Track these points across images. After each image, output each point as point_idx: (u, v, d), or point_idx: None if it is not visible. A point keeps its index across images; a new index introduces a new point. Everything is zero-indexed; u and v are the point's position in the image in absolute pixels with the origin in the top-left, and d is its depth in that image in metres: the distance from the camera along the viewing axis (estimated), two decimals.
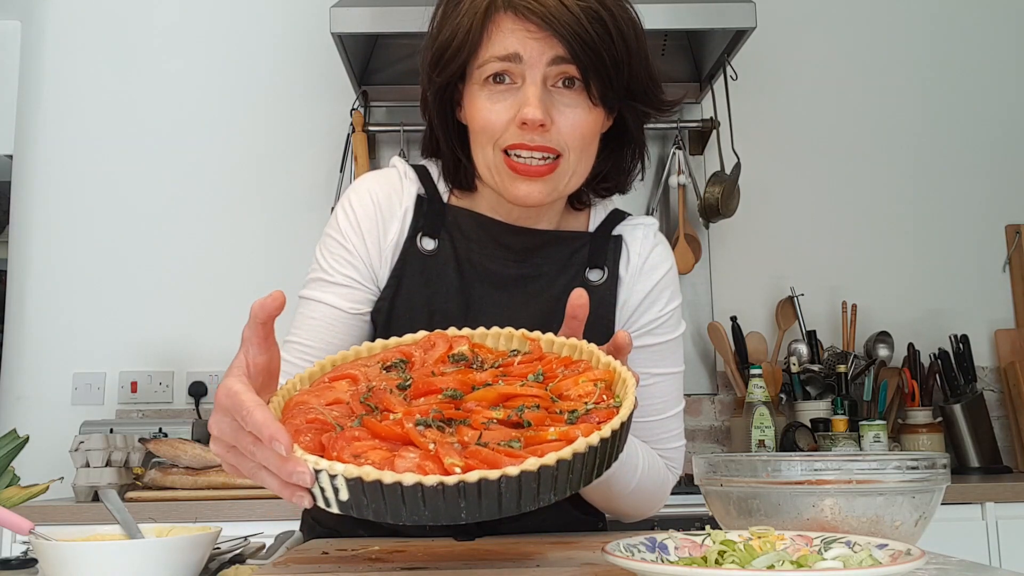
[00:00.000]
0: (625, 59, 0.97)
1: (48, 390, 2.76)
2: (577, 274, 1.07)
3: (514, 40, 0.94)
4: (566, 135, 0.96)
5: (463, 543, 0.99)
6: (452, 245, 1.05)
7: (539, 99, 0.94)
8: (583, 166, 1.00)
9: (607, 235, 1.09)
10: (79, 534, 0.82)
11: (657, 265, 1.09)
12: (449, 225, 1.06)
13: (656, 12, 2.38)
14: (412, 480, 0.60)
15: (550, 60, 0.95)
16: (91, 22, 2.97)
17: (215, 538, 0.81)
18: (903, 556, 0.67)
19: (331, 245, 1.06)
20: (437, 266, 1.04)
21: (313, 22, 2.88)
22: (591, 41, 0.93)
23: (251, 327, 0.72)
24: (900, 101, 3.00)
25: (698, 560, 0.73)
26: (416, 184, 1.08)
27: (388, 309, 1.04)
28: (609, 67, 0.96)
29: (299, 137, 2.92)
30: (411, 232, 1.05)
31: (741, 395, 2.70)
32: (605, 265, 1.07)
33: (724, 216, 2.74)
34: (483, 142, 0.98)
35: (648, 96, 1.02)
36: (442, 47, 0.99)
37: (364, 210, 1.05)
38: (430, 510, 0.62)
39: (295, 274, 2.98)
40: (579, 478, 0.66)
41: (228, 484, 2.20)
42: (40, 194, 2.88)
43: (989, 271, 2.94)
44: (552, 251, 1.07)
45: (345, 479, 0.62)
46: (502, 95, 0.96)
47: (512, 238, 1.06)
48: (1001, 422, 2.81)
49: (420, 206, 1.06)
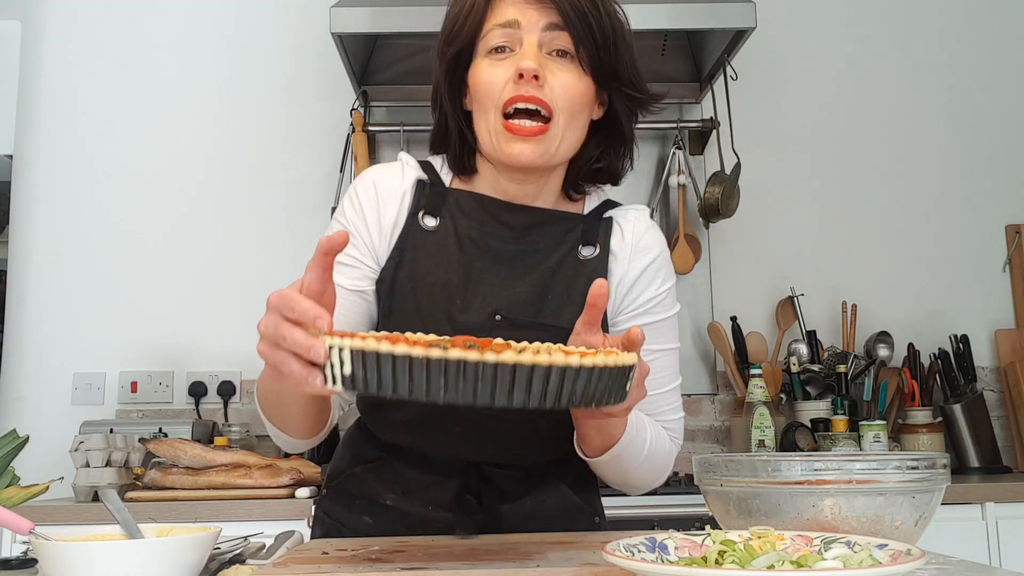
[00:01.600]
0: (612, 37, 1.06)
1: (48, 390, 2.76)
2: (571, 251, 1.13)
3: (514, 9, 1.05)
4: (557, 94, 1.03)
5: (463, 542, 0.99)
6: (453, 223, 1.11)
7: (534, 54, 1.03)
8: (572, 132, 1.07)
9: (599, 217, 1.16)
10: (79, 534, 0.82)
11: (650, 246, 1.15)
12: (451, 206, 1.12)
13: (656, 12, 2.39)
14: (402, 351, 0.67)
15: (545, 26, 1.04)
16: (91, 22, 2.97)
17: (215, 538, 0.81)
18: (903, 556, 0.67)
19: (334, 227, 1.14)
20: (438, 241, 1.10)
21: (313, 22, 2.88)
22: (582, 12, 1.03)
23: (314, 259, 0.78)
24: (900, 101, 3.00)
25: (698, 560, 0.73)
26: (417, 171, 1.15)
27: (391, 279, 1.09)
28: (598, 38, 1.04)
29: (299, 137, 2.92)
30: (412, 210, 1.12)
31: (741, 395, 2.70)
32: (597, 242, 1.13)
33: (724, 216, 2.74)
34: (486, 106, 1.06)
35: (634, 84, 1.09)
36: (452, 21, 1.09)
37: (366, 193, 1.12)
38: (415, 384, 0.68)
39: (295, 274, 2.99)
40: (556, 394, 0.70)
41: (228, 484, 2.20)
42: (40, 194, 2.88)
43: (989, 271, 2.94)
44: (548, 229, 1.13)
45: (350, 351, 0.69)
46: (502, 61, 1.05)
47: (510, 215, 1.12)
48: (1001, 422, 2.81)
49: (421, 188, 1.13)
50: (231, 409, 2.77)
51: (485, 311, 1.07)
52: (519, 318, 1.08)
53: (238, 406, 2.78)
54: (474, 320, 1.06)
